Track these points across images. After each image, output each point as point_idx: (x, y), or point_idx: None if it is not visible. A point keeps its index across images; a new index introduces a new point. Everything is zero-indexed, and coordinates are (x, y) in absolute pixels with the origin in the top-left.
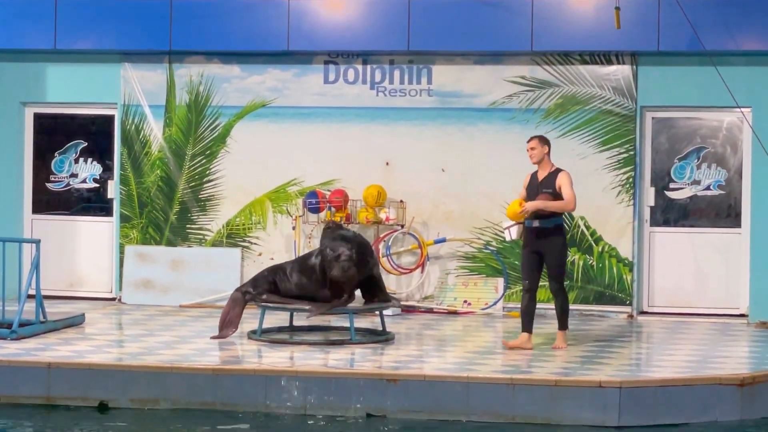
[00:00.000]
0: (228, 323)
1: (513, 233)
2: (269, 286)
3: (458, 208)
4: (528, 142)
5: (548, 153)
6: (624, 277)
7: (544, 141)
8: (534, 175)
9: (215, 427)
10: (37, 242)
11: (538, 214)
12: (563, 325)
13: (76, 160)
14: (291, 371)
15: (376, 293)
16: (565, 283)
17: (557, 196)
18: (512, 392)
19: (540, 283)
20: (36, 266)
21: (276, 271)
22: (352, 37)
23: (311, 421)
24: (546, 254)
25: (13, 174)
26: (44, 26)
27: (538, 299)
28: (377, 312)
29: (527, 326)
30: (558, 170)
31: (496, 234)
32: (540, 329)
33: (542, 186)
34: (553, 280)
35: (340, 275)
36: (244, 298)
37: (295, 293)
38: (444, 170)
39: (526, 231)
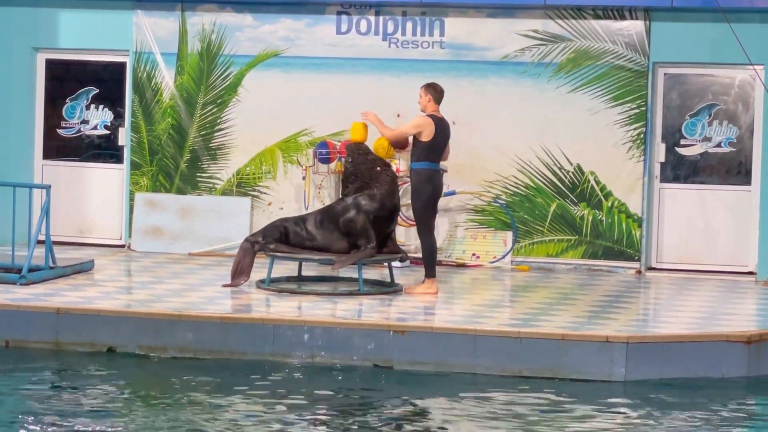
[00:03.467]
0: (240, 272)
1: None
2: (279, 236)
3: (468, 161)
4: None
5: (433, 100)
6: (633, 232)
7: (426, 88)
8: None
9: (222, 375)
10: (48, 188)
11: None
12: (426, 270)
13: (88, 107)
14: (299, 321)
15: (387, 243)
16: (575, 238)
17: (416, 142)
18: (519, 345)
19: (543, 238)
20: (46, 212)
21: (291, 220)
22: None
23: (318, 371)
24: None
25: (25, 119)
26: None
27: (540, 252)
28: (386, 263)
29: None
30: (425, 114)
31: (506, 187)
32: (548, 283)
33: None
34: (415, 222)
35: (388, 188)
36: (253, 248)
37: (309, 244)
38: (455, 123)
39: None
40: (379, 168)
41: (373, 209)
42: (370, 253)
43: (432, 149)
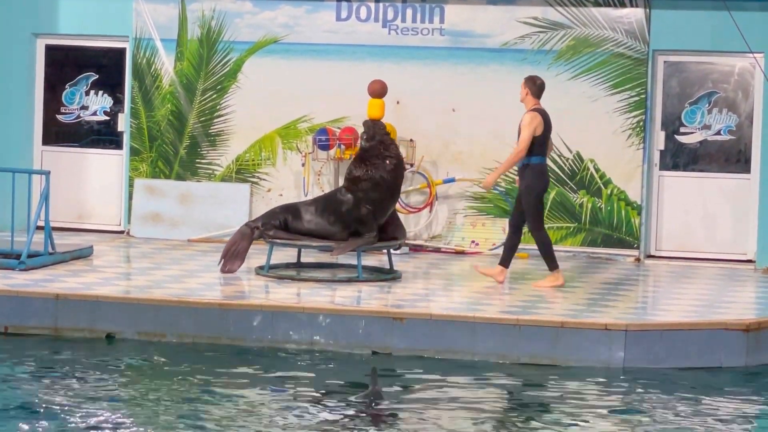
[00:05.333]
0: (233, 255)
1: None
2: (279, 223)
3: (468, 149)
4: None
5: (531, 93)
6: (632, 220)
7: (525, 81)
8: None
9: (221, 361)
10: (47, 174)
11: None
12: (547, 265)
13: (87, 93)
14: (298, 307)
15: (386, 230)
16: (574, 225)
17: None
18: (518, 333)
19: (550, 224)
20: (45, 198)
21: (290, 208)
22: None
23: (317, 358)
24: (521, 192)
25: (24, 105)
26: None
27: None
28: (385, 250)
29: (502, 259)
30: (528, 111)
31: (505, 175)
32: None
33: (519, 125)
34: (526, 219)
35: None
36: (252, 234)
37: (308, 231)
38: (454, 110)
39: None
40: (388, 161)
41: (377, 198)
42: (369, 240)
43: (541, 143)
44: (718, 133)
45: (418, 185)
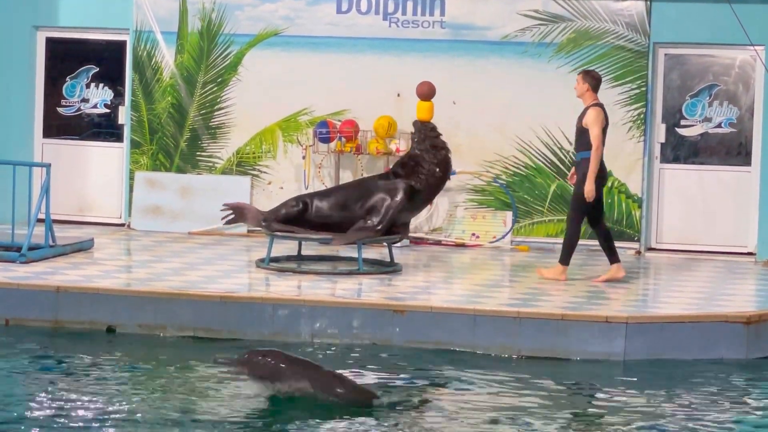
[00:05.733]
0: (241, 214)
1: None
2: (285, 214)
3: (468, 141)
4: None
5: (591, 88)
6: (633, 213)
7: (584, 76)
8: None
9: (221, 354)
10: (48, 166)
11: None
12: (561, 256)
13: (88, 85)
14: (298, 300)
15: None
16: None
17: (583, 132)
18: (518, 325)
19: (543, 218)
20: (46, 190)
21: (303, 198)
22: None
23: (317, 351)
24: (576, 184)
25: (25, 98)
26: None
27: (540, 233)
28: (385, 243)
29: (610, 259)
30: (589, 106)
31: (506, 167)
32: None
33: (577, 121)
34: (570, 207)
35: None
36: (260, 222)
37: (326, 216)
38: (455, 103)
39: None
40: (438, 169)
41: (416, 197)
42: (370, 234)
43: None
44: (719, 125)
45: None
